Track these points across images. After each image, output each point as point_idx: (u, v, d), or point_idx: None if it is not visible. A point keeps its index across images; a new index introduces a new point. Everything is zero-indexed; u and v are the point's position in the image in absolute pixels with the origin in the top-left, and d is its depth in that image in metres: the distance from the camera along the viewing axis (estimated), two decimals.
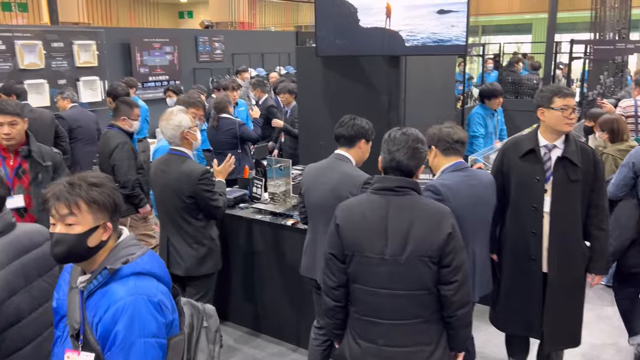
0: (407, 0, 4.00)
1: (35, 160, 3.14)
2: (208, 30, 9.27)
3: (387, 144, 2.17)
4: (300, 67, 5.22)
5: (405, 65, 4.53)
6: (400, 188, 2.10)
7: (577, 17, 16.54)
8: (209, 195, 3.10)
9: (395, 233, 2.04)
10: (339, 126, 2.86)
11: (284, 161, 3.79)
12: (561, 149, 2.75)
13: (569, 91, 2.75)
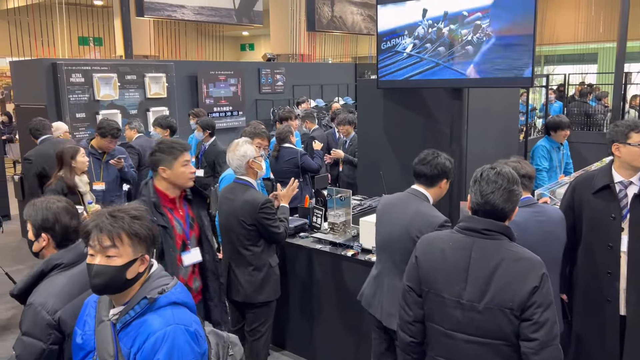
0: (471, 33, 3.99)
1: (196, 201, 2.86)
2: (270, 63, 9.57)
3: (479, 185, 1.99)
4: (361, 99, 5.29)
5: (468, 96, 4.50)
6: (488, 231, 1.96)
7: None
8: (269, 223, 3.18)
9: (476, 278, 1.93)
10: (421, 163, 2.77)
11: (345, 191, 3.81)
12: (638, 185, 2.63)
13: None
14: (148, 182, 2.76)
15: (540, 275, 1.89)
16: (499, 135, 5.25)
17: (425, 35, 4.27)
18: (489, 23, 3.89)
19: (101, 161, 4.71)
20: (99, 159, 4.71)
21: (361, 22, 11.07)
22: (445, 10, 4.13)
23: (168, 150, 2.68)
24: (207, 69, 8.21)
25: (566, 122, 5.45)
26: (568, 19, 17.19)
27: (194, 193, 2.84)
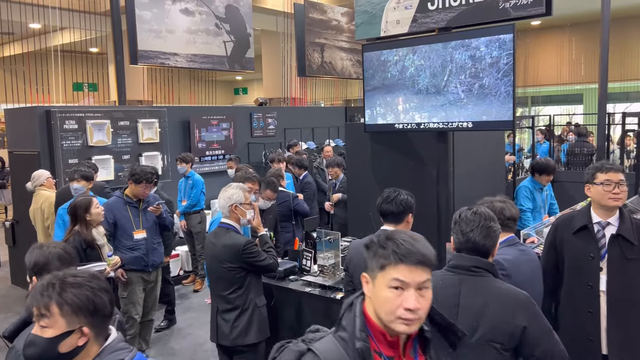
0: (453, 79, 4.14)
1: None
2: (262, 107, 9.76)
3: (459, 225, 2.13)
4: (349, 142, 5.40)
5: (453, 139, 4.61)
6: (476, 268, 2.06)
7: (630, 87, 16.34)
8: (255, 260, 3.23)
9: (466, 314, 2.01)
10: (385, 202, 2.87)
11: (333, 234, 3.86)
12: (615, 226, 2.70)
13: (612, 166, 2.73)
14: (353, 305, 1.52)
15: (530, 313, 1.98)
16: (485, 176, 5.35)
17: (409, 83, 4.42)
18: (471, 70, 4.05)
19: (138, 209, 4.55)
20: (136, 207, 4.55)
21: (350, 67, 11.36)
22: (429, 58, 4.29)
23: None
24: (199, 114, 8.35)
25: (552, 166, 5.56)
26: (551, 61, 17.71)
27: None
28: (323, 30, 10.63)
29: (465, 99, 4.10)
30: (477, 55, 4.01)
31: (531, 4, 3.84)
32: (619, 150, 9.35)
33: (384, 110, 4.65)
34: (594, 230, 2.73)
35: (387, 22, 4.68)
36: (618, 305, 2.65)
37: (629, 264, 2.63)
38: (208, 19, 8.58)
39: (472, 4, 4.11)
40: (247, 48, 9.19)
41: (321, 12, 10.65)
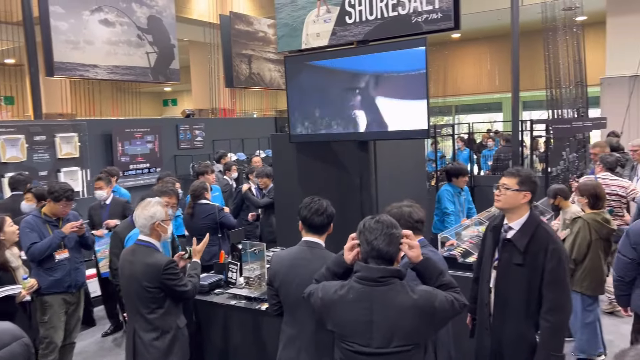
0: (372, 90, 4.28)
1: None
2: (189, 119, 9.60)
3: (363, 235, 2.18)
4: (275, 152, 5.43)
5: (375, 147, 4.75)
6: (383, 278, 2.12)
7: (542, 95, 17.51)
8: (175, 283, 3.13)
9: (381, 325, 2.08)
10: (317, 214, 2.77)
11: (258, 244, 3.86)
12: (515, 230, 2.81)
13: (509, 172, 2.89)
14: None
15: (436, 315, 2.11)
16: (408, 183, 5.54)
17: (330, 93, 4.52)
18: (387, 81, 4.20)
19: (58, 227, 4.30)
20: (56, 225, 4.31)
21: (279, 78, 11.43)
22: (349, 70, 4.41)
23: None
24: (122, 127, 8.10)
25: (464, 169, 5.86)
26: (471, 72, 18.64)
27: None
28: (250, 41, 10.64)
29: (382, 109, 4.24)
30: (393, 67, 4.16)
31: (441, 19, 4.04)
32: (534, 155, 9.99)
33: (306, 120, 4.72)
34: (501, 230, 2.89)
35: (307, 35, 4.77)
36: (500, 303, 2.85)
37: (514, 269, 2.77)
38: (129, 29, 8.37)
39: (387, 18, 4.27)
40: (172, 59, 9.04)
41: (247, 24, 10.67)
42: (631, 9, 10.87)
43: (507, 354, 2.84)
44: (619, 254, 3.52)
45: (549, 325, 2.71)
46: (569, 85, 7.92)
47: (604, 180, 5.40)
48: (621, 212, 5.35)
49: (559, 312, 2.71)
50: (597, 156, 5.98)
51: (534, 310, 2.77)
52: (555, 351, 2.71)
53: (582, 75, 8.42)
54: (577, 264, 4.30)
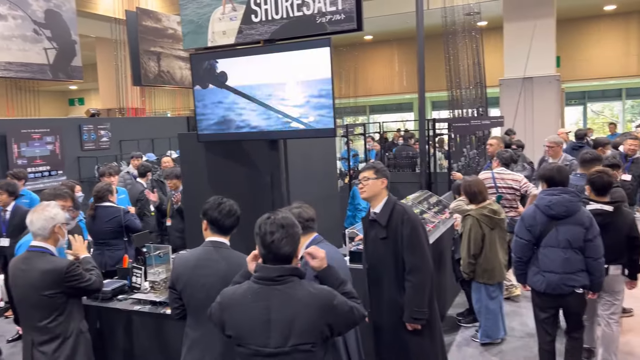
0: (281, 90, 4.29)
1: None
2: (93, 119, 9.13)
3: (259, 236, 2.15)
4: (183, 152, 5.30)
5: (285, 146, 4.77)
6: (281, 277, 2.11)
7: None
8: (79, 283, 3.02)
9: (279, 328, 2.07)
10: (226, 216, 2.72)
11: (164, 247, 3.75)
12: (376, 213, 3.35)
13: (366, 166, 3.48)
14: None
15: (333, 311, 2.12)
16: (320, 180, 5.62)
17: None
18: (294, 80, 4.23)
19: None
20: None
21: (190, 76, 11.16)
22: (254, 69, 4.39)
23: None
24: (17, 127, 7.54)
25: None
26: (383, 73, 19.25)
27: None
28: (158, 38, 10.30)
29: (290, 109, 4.27)
30: (299, 67, 4.20)
31: (344, 20, 4.14)
32: (439, 153, 10.49)
33: (215, 119, 4.65)
34: (369, 218, 3.42)
35: (213, 33, 4.70)
36: (373, 275, 3.37)
37: (380, 243, 3.30)
38: (24, 24, 7.80)
39: (293, 18, 4.31)
40: (73, 56, 8.54)
41: (155, 20, 10.32)
42: (525, 15, 11.73)
43: (385, 318, 3.31)
44: (517, 237, 3.85)
45: (411, 284, 3.21)
46: (468, 86, 8.41)
47: (500, 175, 5.78)
48: (515, 204, 5.73)
49: (418, 272, 3.21)
50: (492, 150, 6.42)
51: (402, 277, 3.24)
52: (418, 307, 3.21)
53: (481, 76, 8.97)
54: (476, 257, 4.57)
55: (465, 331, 5.04)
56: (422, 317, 3.22)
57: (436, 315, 3.42)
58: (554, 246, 3.65)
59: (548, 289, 3.66)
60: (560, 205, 3.63)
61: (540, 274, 3.70)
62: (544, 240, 3.68)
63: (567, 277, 3.62)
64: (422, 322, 3.24)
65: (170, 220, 6.17)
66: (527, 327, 5.06)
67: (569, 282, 3.62)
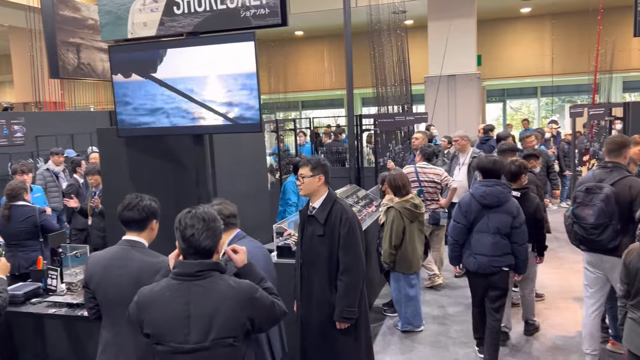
0: (205, 84, 4.22)
1: None
2: (6, 113, 8.56)
3: (179, 231, 2.13)
4: (102, 148, 5.08)
5: (211, 141, 4.70)
6: (201, 272, 2.09)
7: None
8: None
9: (199, 321, 2.04)
10: (126, 209, 2.68)
11: (80, 247, 3.60)
12: (316, 207, 3.31)
13: (302, 163, 3.44)
14: None
15: (252, 304, 2.12)
16: (249, 176, 5.59)
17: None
18: (217, 75, 4.17)
19: None
20: None
21: None
22: (176, 62, 4.29)
23: None
24: None
25: None
26: (314, 69, 19.36)
27: None
28: (78, 29, 9.75)
29: (215, 103, 4.21)
30: (224, 61, 4.15)
31: (269, 14, 4.12)
32: (367, 148, 10.71)
33: (136, 113, 4.50)
34: (308, 212, 3.38)
35: (133, 24, 4.53)
36: (307, 272, 3.35)
37: (317, 240, 3.27)
38: None
39: (216, 10, 4.24)
40: None
41: (74, 10, 9.77)
42: (448, 15, 12.20)
43: (313, 315, 3.30)
44: (454, 221, 4.20)
45: (344, 284, 3.22)
46: (394, 83, 8.65)
47: (422, 169, 6.00)
48: (437, 197, 5.98)
49: (352, 273, 3.22)
50: (418, 143, 6.68)
51: (334, 276, 3.25)
52: (349, 307, 3.23)
53: (406, 74, 9.24)
54: (397, 248, 4.76)
55: (389, 320, 5.20)
56: (352, 317, 3.25)
57: (364, 316, 3.43)
58: (485, 232, 4.06)
59: (479, 269, 4.08)
60: (493, 196, 4.04)
61: (472, 256, 4.12)
62: (476, 226, 4.09)
63: (495, 260, 4.05)
64: (352, 322, 3.27)
65: (91, 219, 5.91)
66: (447, 313, 5.31)
67: (495, 263, 4.06)
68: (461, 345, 4.63)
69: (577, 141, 9.70)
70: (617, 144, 3.91)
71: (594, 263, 3.96)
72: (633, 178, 3.82)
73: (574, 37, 16.02)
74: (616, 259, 3.73)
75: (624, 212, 3.70)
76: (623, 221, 3.71)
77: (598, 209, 3.72)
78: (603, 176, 3.87)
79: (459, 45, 11.96)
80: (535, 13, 16.54)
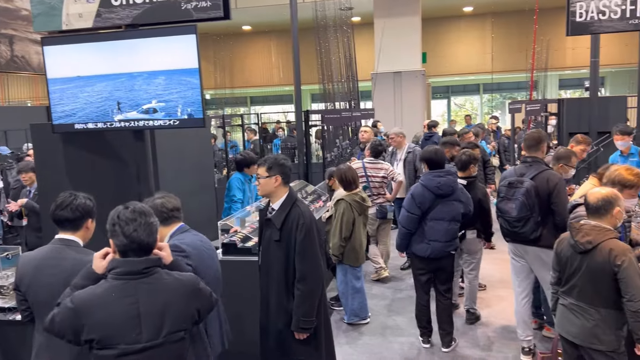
0: (146, 79, 4.10)
1: None
2: None
3: (119, 227, 2.07)
4: (37, 145, 4.85)
5: (153, 137, 4.58)
6: (148, 269, 2.06)
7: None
8: None
9: (150, 318, 2.02)
10: (59, 209, 2.59)
11: (13, 249, 3.43)
12: (275, 209, 3.15)
13: (259, 162, 3.29)
14: None
15: (198, 295, 2.15)
16: (194, 172, 5.48)
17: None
18: (158, 68, 4.06)
19: None
20: None
21: None
22: (114, 56, 4.14)
23: None
24: None
25: (256, 158, 6.02)
26: (263, 64, 19.20)
27: None
28: (10, 20, 9.31)
29: (156, 97, 4.11)
30: (165, 54, 4.05)
31: (210, 7, 4.04)
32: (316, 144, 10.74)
33: (72, 108, 4.32)
34: (267, 213, 3.22)
35: (68, 15, 4.34)
36: (264, 277, 3.22)
37: (274, 245, 3.12)
38: None
39: (156, 2, 4.12)
40: None
41: (6, 0, 9.30)
42: (393, 12, 12.39)
43: (271, 321, 3.17)
44: (408, 212, 4.29)
45: (300, 293, 3.07)
46: (340, 80, 8.72)
47: (370, 164, 6.08)
48: (383, 192, 6.08)
49: (308, 281, 3.06)
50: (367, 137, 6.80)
51: (292, 283, 3.09)
52: (305, 316, 3.07)
53: (353, 70, 9.33)
54: (346, 241, 4.81)
55: (336, 315, 5.25)
56: (309, 327, 3.09)
57: (324, 323, 3.28)
58: (439, 219, 4.23)
59: (432, 255, 4.25)
60: (447, 186, 4.23)
61: (425, 242, 4.26)
62: (430, 215, 4.24)
63: (447, 244, 4.27)
64: (310, 332, 3.11)
65: (27, 219, 5.64)
66: (393, 305, 5.43)
67: (447, 248, 4.29)
68: (406, 335, 4.73)
69: (516, 136, 10.09)
70: (535, 140, 4.08)
71: (519, 253, 4.15)
72: (550, 171, 4.01)
73: (513, 35, 16.65)
74: (538, 249, 3.97)
75: (544, 204, 3.89)
76: (543, 213, 3.90)
77: (520, 202, 3.88)
78: (523, 170, 4.03)
79: (405, 42, 12.18)
80: (477, 12, 17.07)
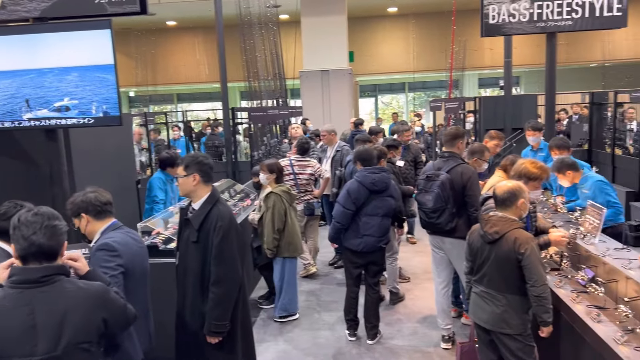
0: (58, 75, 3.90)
1: None
2: None
3: (19, 230, 1.95)
4: None
5: (67, 136, 4.37)
6: (46, 277, 1.93)
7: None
8: None
9: (47, 329, 1.88)
10: (1, 219, 2.48)
11: None
12: (195, 209, 3.08)
13: (178, 161, 3.23)
14: None
15: (105, 305, 2.04)
16: (113, 172, 5.29)
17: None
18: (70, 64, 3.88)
19: None
20: None
21: None
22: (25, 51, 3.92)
23: None
24: None
25: (176, 157, 5.88)
26: (189, 61, 18.72)
27: None
28: None
29: (68, 95, 3.93)
30: (76, 49, 3.87)
31: (126, 2, 3.92)
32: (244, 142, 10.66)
33: None
34: (188, 212, 3.15)
35: None
36: (181, 279, 3.13)
37: (192, 246, 3.04)
38: None
39: None
40: None
41: None
42: (320, 11, 12.50)
43: (186, 322, 3.09)
44: (343, 208, 4.36)
45: (214, 296, 2.99)
46: (267, 77, 8.69)
47: (297, 162, 6.12)
48: (310, 189, 6.14)
49: (223, 285, 2.98)
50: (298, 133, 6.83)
51: (207, 286, 3.01)
52: (217, 320, 2.99)
53: (280, 68, 9.33)
54: (280, 232, 4.83)
55: (264, 313, 5.26)
56: (221, 331, 3.02)
57: (241, 326, 3.20)
58: (373, 214, 4.34)
59: (365, 249, 4.35)
60: (382, 182, 4.35)
61: (359, 237, 4.34)
62: (364, 210, 4.34)
63: (379, 239, 4.38)
64: (223, 335, 3.04)
65: None
66: (321, 300, 5.50)
67: (379, 242, 4.39)
68: (334, 329, 4.82)
69: (438, 133, 10.52)
70: (452, 136, 4.31)
71: (437, 245, 4.35)
72: (465, 165, 4.23)
73: (434, 36, 17.29)
74: (454, 240, 4.17)
75: (458, 196, 4.11)
76: (457, 205, 4.12)
77: (435, 194, 4.09)
78: (441, 165, 4.26)
79: (332, 41, 12.32)
80: (401, 12, 17.58)
